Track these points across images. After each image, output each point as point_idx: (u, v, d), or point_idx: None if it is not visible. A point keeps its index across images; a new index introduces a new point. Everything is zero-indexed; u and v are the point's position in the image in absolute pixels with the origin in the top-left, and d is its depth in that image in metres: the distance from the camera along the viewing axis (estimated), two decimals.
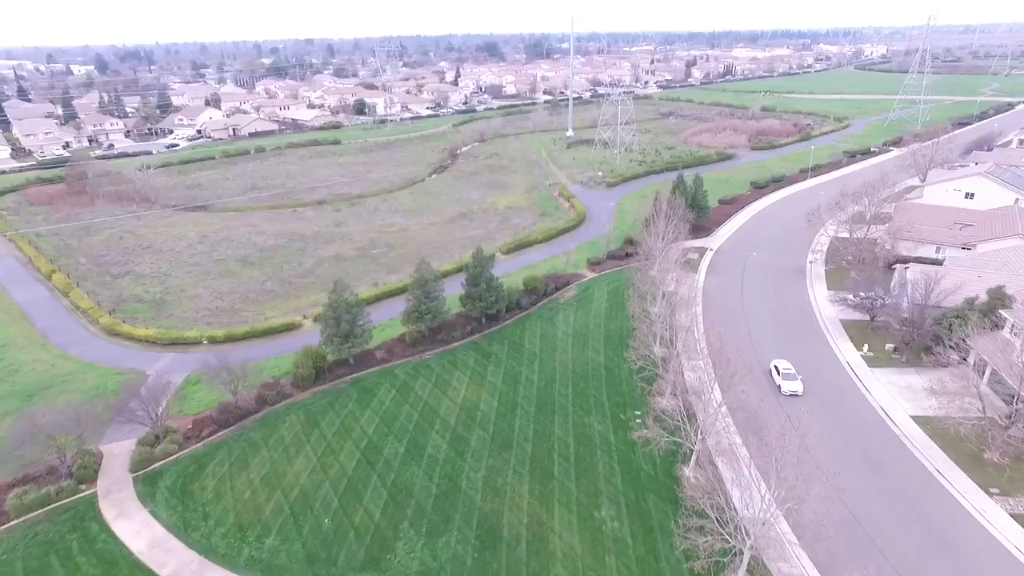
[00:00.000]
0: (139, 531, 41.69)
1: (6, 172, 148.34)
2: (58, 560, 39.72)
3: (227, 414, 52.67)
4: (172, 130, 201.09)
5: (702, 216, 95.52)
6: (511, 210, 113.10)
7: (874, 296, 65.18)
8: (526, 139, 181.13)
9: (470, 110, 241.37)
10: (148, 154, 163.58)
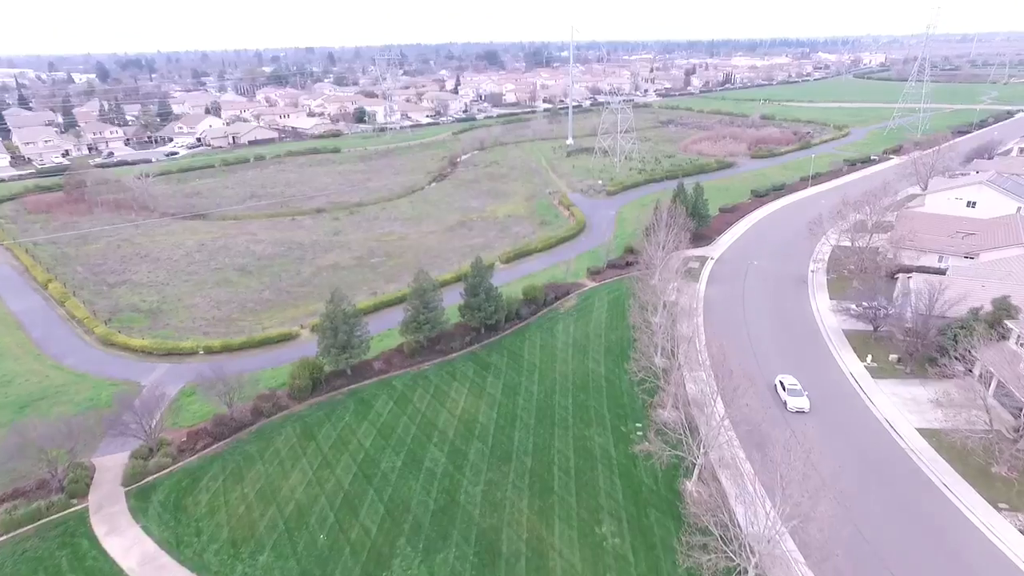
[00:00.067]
0: (130, 548, 40.84)
1: (5, 180, 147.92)
2: None
3: (222, 426, 51.91)
4: (172, 138, 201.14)
5: (703, 225, 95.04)
6: (511, 219, 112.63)
7: (877, 306, 64.50)
8: (526, 147, 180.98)
9: (470, 118, 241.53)
10: (147, 162, 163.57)
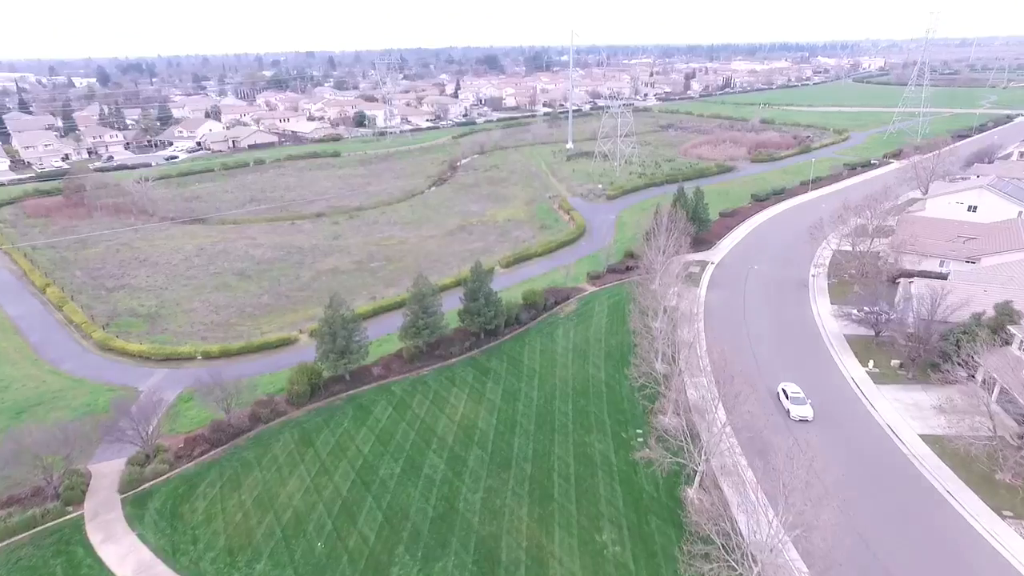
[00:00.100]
0: (126, 556, 40.41)
1: (4, 184, 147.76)
2: None
3: (219, 432, 51.50)
4: (172, 142, 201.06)
5: (703, 229, 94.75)
6: (510, 223, 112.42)
7: (879, 311, 64.12)
8: (526, 151, 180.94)
9: (470, 122, 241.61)
10: (147, 166, 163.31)
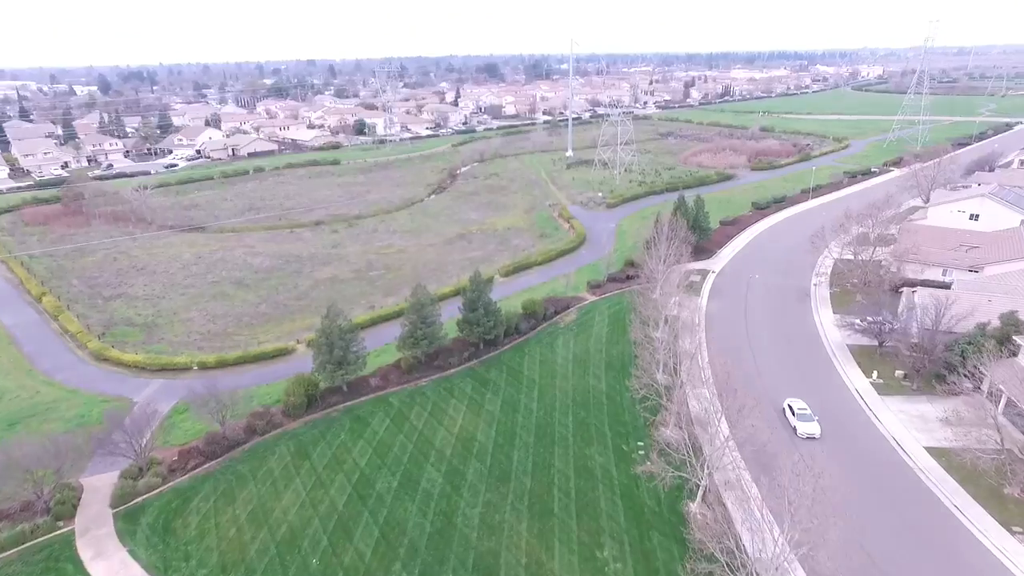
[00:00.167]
0: (116, 573, 39.51)
1: (2, 192, 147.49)
2: None
3: (214, 445, 50.70)
4: (171, 150, 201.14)
5: (704, 238, 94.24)
6: (510, 231, 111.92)
7: (882, 320, 63.45)
8: (525, 159, 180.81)
9: (470, 130, 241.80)
10: (146, 174, 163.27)
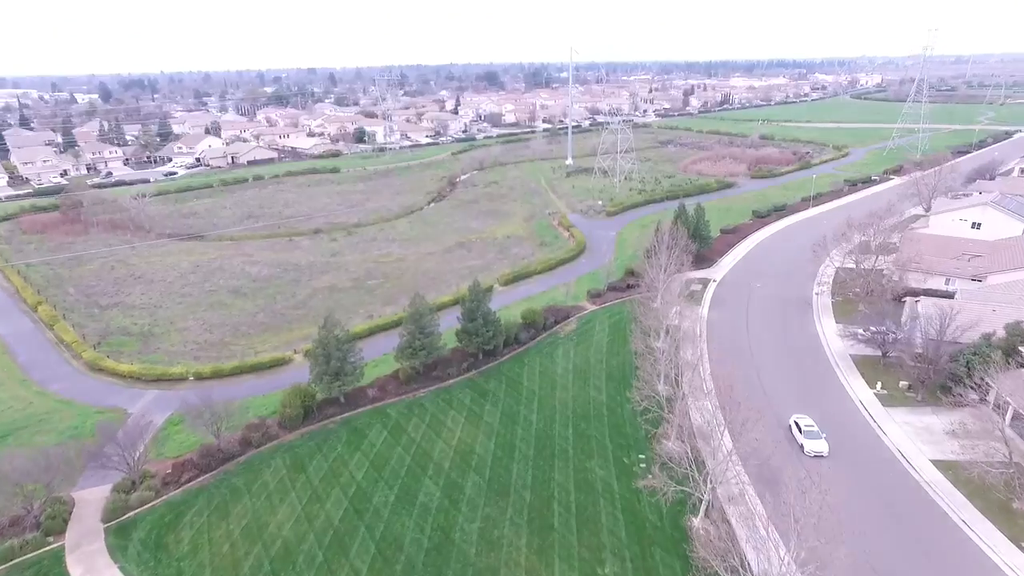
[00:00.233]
0: None
1: (1, 200, 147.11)
2: None
3: (209, 457, 49.95)
4: (171, 158, 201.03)
5: (704, 246, 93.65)
6: (510, 240, 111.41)
7: (885, 330, 62.73)
8: (525, 167, 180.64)
9: (470, 138, 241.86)
10: (146, 182, 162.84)
